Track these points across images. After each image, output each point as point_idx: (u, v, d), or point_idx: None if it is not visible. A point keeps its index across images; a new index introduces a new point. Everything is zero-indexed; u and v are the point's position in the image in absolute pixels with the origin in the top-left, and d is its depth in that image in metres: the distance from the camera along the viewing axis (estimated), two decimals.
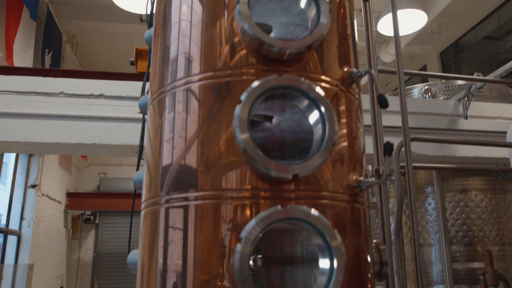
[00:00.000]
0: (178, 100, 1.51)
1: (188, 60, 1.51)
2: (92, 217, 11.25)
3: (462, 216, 5.36)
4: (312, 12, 1.46)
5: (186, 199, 1.40)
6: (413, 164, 2.68)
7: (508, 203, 5.40)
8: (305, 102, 1.35)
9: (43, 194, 8.88)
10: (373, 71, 1.55)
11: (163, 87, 1.57)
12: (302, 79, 1.37)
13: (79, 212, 11.24)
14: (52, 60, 8.94)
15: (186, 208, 1.40)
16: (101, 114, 4.28)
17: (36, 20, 8.11)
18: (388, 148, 1.48)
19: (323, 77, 1.48)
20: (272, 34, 1.75)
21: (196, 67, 1.49)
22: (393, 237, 2.52)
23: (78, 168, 11.63)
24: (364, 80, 1.91)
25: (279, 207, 1.28)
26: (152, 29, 2.08)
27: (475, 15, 9.51)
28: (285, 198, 1.34)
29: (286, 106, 1.51)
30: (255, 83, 1.33)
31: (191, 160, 1.42)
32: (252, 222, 1.27)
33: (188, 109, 1.47)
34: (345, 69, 1.56)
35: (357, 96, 1.60)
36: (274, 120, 1.60)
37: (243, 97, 1.32)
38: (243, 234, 1.26)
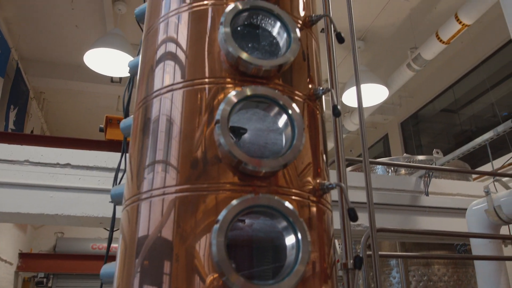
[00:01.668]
0: (153, 210, 1.52)
1: (165, 170, 1.54)
2: (45, 280, 10.61)
3: None
4: (287, 129, 1.54)
5: None
6: (380, 253, 2.74)
7: (469, 276, 5.52)
8: (283, 223, 1.39)
9: None
10: (342, 185, 1.62)
11: (139, 194, 1.58)
12: (276, 197, 1.43)
13: (31, 274, 10.60)
14: (16, 116, 8.79)
15: None
16: (66, 184, 4.18)
17: (4, 76, 8.04)
18: (358, 261, 1.53)
19: (295, 191, 1.54)
20: (246, 136, 1.82)
21: (173, 178, 1.52)
22: None
23: (34, 226, 11.11)
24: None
25: None
26: (130, 119, 2.11)
27: (433, 90, 10.18)
28: None
29: (260, 216, 1.55)
30: (234, 202, 1.37)
31: (164, 275, 1.41)
32: None
33: (163, 220, 1.48)
34: (317, 181, 1.63)
35: (328, 205, 1.67)
36: (248, 227, 1.63)
37: (221, 215, 1.35)
38: None
